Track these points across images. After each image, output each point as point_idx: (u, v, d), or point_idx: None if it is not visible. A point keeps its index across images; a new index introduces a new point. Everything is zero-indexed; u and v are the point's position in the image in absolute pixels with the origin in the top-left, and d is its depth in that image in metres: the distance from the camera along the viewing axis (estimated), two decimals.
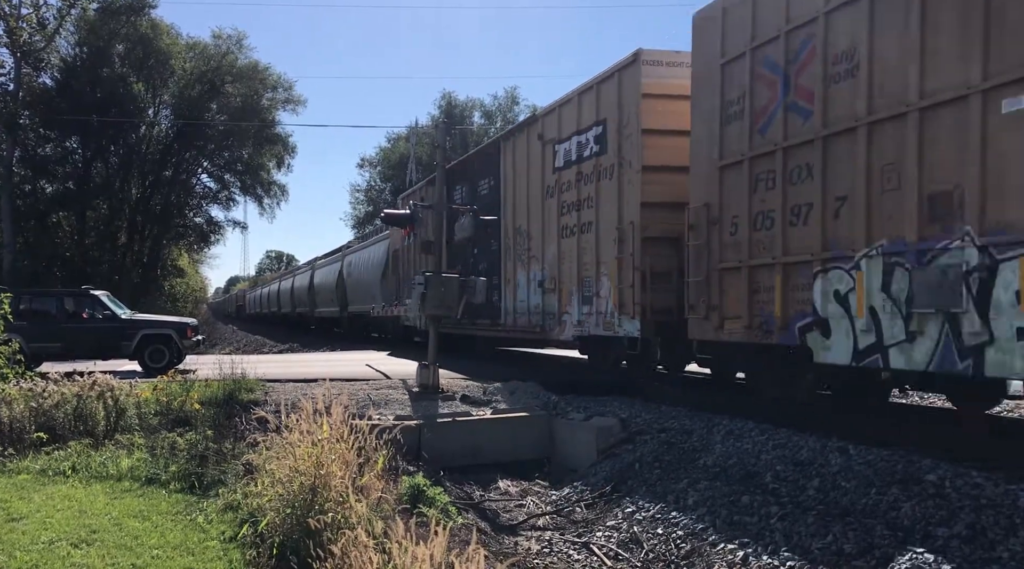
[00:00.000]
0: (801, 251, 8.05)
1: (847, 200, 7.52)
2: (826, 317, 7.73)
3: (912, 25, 6.79)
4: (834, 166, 7.68)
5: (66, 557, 5.35)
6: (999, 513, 5.12)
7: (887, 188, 7.06)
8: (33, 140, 35.08)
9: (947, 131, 6.53)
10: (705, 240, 9.49)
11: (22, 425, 8.63)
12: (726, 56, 9.09)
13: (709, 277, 9.44)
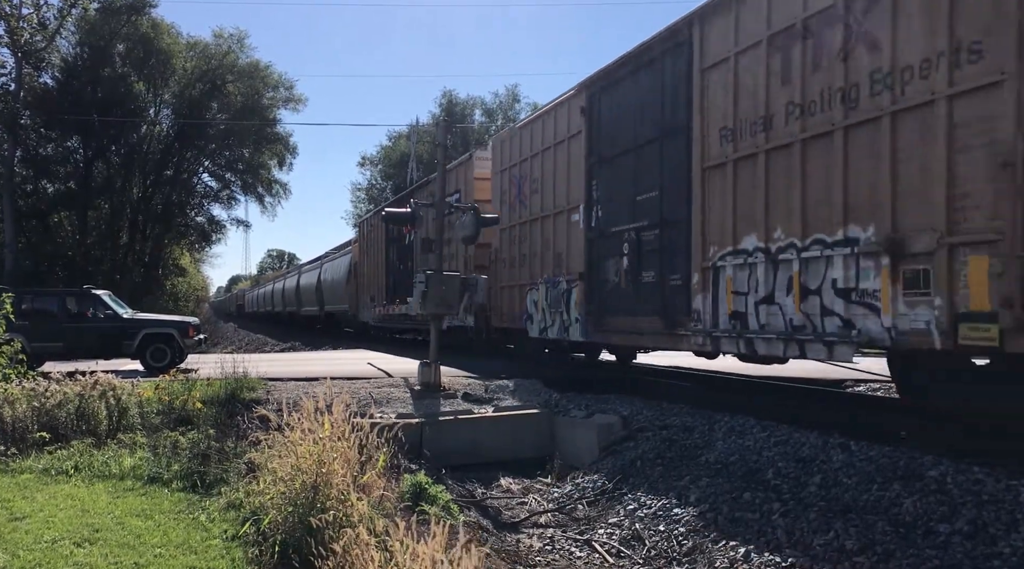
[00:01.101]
0: (524, 278, 14.87)
1: (535, 254, 14.35)
2: (531, 313, 14.34)
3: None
4: (531, 237, 14.49)
5: (69, 556, 5.36)
6: (1000, 509, 5.13)
7: (544, 250, 13.94)
8: (34, 140, 35.11)
9: (559, 228, 13.34)
10: (495, 269, 16.42)
11: (25, 425, 8.64)
12: (501, 167, 15.88)
13: (497, 291, 16.20)
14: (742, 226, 8.88)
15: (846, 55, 7.51)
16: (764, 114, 8.53)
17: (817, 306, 7.81)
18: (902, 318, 6.89)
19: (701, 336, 9.52)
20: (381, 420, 8.25)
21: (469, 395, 11.04)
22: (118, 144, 37.13)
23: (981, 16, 6.28)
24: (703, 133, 9.55)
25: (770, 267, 8.42)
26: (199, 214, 43.82)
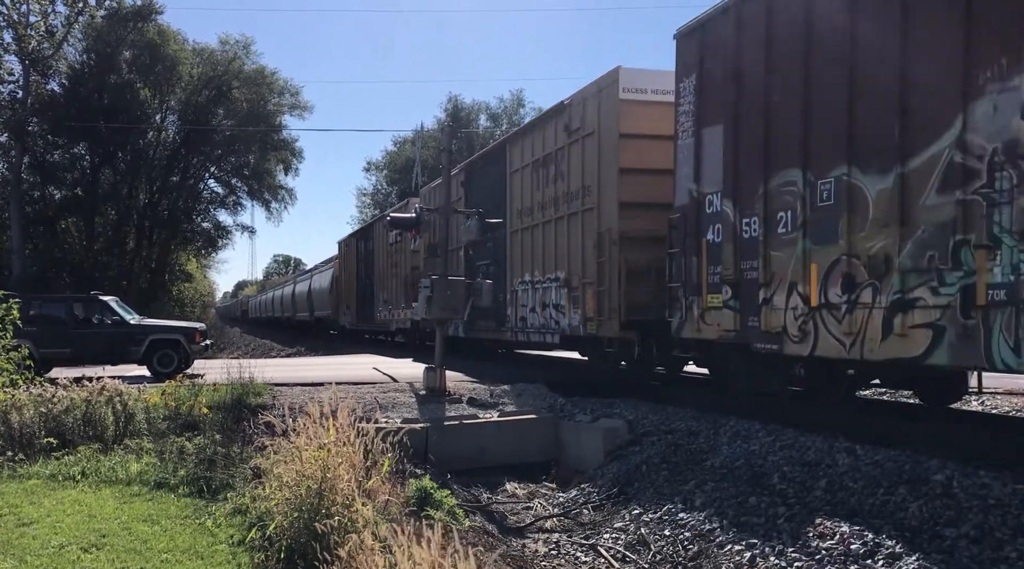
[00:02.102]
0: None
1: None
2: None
3: None
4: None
5: (76, 561, 5.39)
6: (1007, 513, 5.11)
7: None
8: (41, 146, 35.28)
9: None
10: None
11: (32, 430, 8.68)
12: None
13: None
14: (524, 267, 15.23)
15: (556, 179, 13.61)
16: (531, 205, 14.77)
17: (549, 313, 13.99)
18: (572, 319, 13.03)
19: (510, 331, 15.95)
20: (386, 425, 8.26)
21: (474, 400, 11.05)
22: (124, 150, 37.28)
23: (591, 176, 12.39)
24: (510, 210, 15.66)
25: (533, 291, 14.73)
26: (205, 220, 44.03)
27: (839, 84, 7.55)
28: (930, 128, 6.63)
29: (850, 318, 7.37)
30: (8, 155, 32.95)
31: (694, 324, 9.75)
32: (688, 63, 10.01)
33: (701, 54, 9.76)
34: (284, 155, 42.80)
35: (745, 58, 8.89)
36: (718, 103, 9.38)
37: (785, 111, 8.27)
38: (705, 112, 9.65)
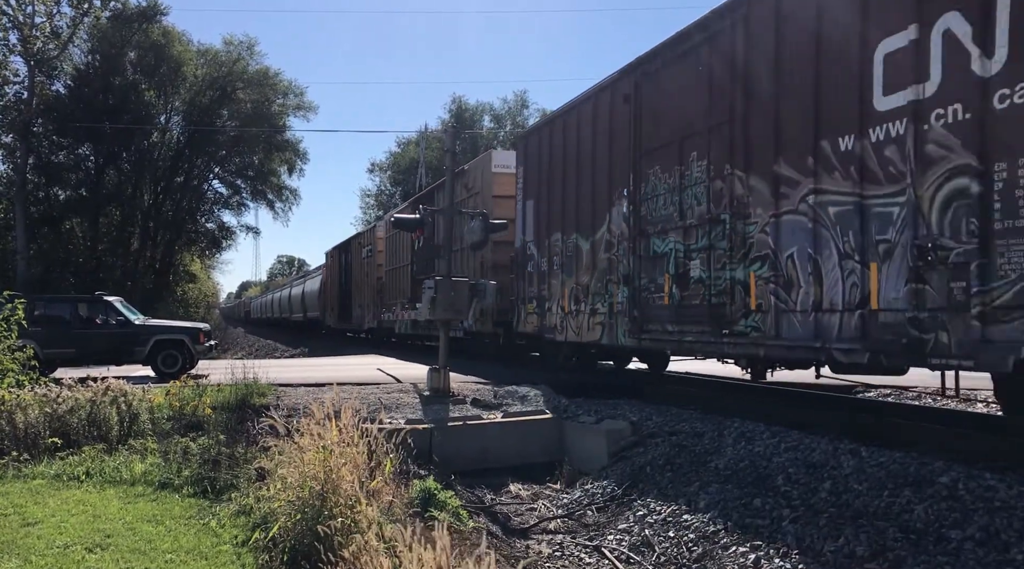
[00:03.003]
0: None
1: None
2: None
3: None
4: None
5: (80, 561, 5.39)
6: (1013, 515, 5.09)
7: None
8: (46, 147, 35.36)
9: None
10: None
11: (37, 430, 8.70)
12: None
13: None
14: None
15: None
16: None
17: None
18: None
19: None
20: (390, 426, 8.26)
21: (478, 401, 11.04)
22: (129, 151, 37.37)
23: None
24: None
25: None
26: (209, 220, 44.15)
27: (574, 188, 13.16)
28: (601, 217, 12.20)
29: (577, 319, 12.97)
30: (13, 156, 33.01)
31: (522, 323, 15.50)
32: (520, 157, 15.82)
33: (525, 153, 15.47)
34: (288, 156, 42.89)
35: (542, 162, 14.50)
36: (532, 186, 15.01)
37: (554, 199, 13.91)
38: (527, 190, 15.27)
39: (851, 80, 7.41)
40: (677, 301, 10.04)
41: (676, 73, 10.30)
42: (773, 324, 8.37)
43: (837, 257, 7.58)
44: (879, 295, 7.07)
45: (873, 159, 7.18)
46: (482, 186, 17.53)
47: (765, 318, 8.50)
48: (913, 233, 6.73)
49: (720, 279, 9.22)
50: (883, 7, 7.10)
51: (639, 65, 11.19)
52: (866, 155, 7.25)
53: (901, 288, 6.84)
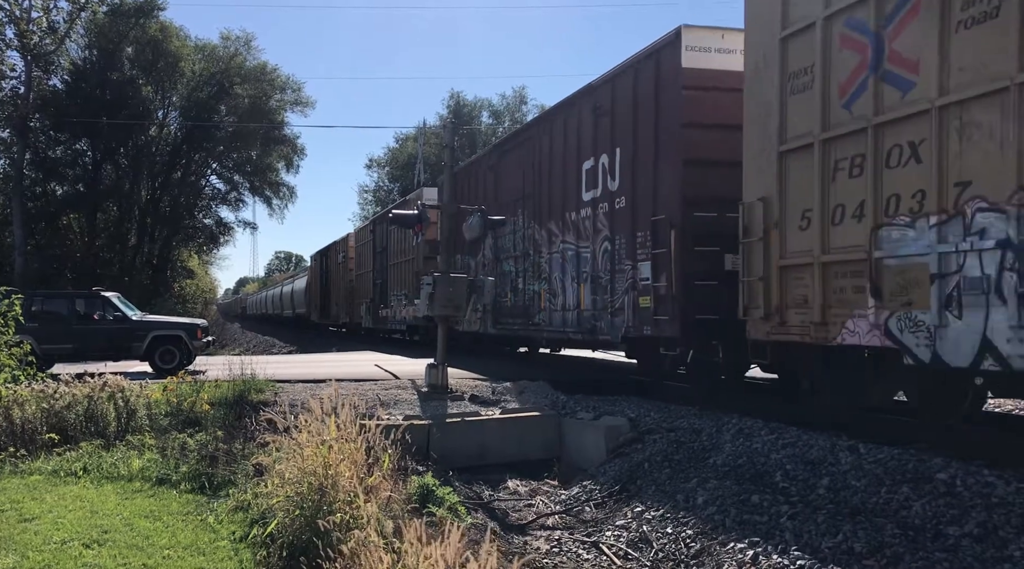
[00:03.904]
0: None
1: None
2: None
3: None
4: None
5: (78, 557, 5.39)
6: (1011, 512, 5.10)
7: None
8: (43, 142, 35.31)
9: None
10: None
11: (34, 426, 8.69)
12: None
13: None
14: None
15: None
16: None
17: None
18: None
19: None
20: (388, 422, 8.26)
21: (476, 397, 11.04)
22: (126, 146, 37.30)
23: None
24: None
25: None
26: (207, 216, 44.07)
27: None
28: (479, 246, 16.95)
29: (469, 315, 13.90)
30: (10, 151, 32.95)
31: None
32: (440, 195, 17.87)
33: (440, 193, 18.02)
34: (286, 151, 42.84)
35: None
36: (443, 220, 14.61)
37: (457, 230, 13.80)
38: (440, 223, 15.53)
39: (573, 180, 12.87)
40: (512, 303, 15.45)
41: (515, 156, 15.63)
42: (549, 318, 13.90)
43: (570, 280, 13.03)
44: (584, 302, 12.43)
45: (581, 226, 12.63)
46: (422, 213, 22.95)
47: (546, 314, 13.97)
48: (592, 268, 12.15)
49: (529, 290, 14.78)
50: (583, 145, 12.61)
51: (499, 146, 16.96)
52: (579, 223, 12.71)
53: (590, 298, 12.26)
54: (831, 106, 7.54)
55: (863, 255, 7.09)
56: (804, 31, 7.88)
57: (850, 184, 7.30)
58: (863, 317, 7.10)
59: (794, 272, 8.01)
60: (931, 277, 6.44)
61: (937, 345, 6.37)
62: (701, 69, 9.79)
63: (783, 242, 8.16)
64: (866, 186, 7.10)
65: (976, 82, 6.14)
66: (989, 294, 5.99)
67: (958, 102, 6.27)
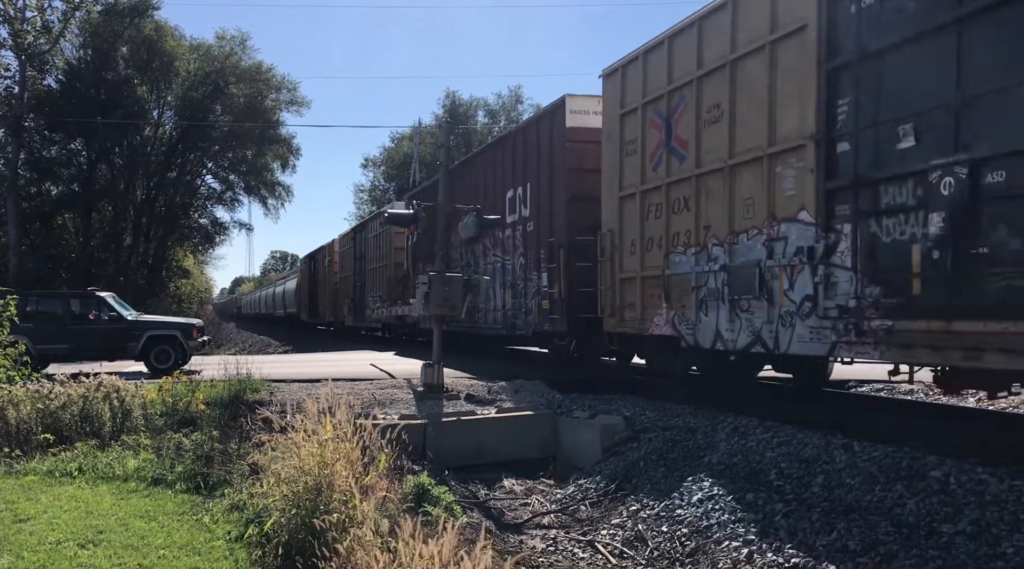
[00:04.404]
0: None
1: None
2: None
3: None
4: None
5: (73, 557, 5.38)
6: (1004, 509, 5.12)
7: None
8: (38, 142, 35.18)
9: None
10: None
11: (29, 426, 8.67)
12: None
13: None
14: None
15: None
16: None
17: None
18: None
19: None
20: (384, 421, 8.27)
21: (472, 396, 11.05)
22: (121, 146, 37.18)
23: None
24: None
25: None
26: (202, 216, 43.95)
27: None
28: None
29: None
30: (4, 151, 32.85)
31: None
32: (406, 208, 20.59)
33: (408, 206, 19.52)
34: (281, 151, 42.73)
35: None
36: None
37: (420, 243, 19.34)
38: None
39: (501, 205, 15.27)
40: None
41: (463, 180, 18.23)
42: (485, 318, 16.71)
43: (499, 287, 15.87)
44: (508, 304, 15.17)
45: (506, 243, 15.50)
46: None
47: (483, 315, 16.71)
48: (512, 277, 14.98)
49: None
50: (507, 177, 15.47)
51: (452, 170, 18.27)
52: (505, 241, 15.59)
53: (511, 301, 15.24)
54: (646, 168, 10.64)
55: (660, 273, 10.30)
56: (632, 112, 10.95)
57: (655, 223, 10.48)
58: (660, 315, 10.33)
59: (628, 283, 11.14)
60: (692, 288, 9.64)
61: (696, 333, 9.59)
62: (580, 127, 12.96)
63: (621, 262, 11.27)
64: (663, 225, 10.29)
65: (712, 162, 9.33)
66: (718, 300, 9.14)
67: (705, 173, 9.46)
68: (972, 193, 6.17)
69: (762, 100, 8.44)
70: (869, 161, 7.14)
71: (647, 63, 10.64)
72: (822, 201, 7.61)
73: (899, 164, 6.81)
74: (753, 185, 8.61)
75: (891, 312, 6.85)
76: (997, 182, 6.04)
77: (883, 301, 6.95)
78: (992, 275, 6.02)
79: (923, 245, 6.56)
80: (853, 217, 7.26)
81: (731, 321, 8.88)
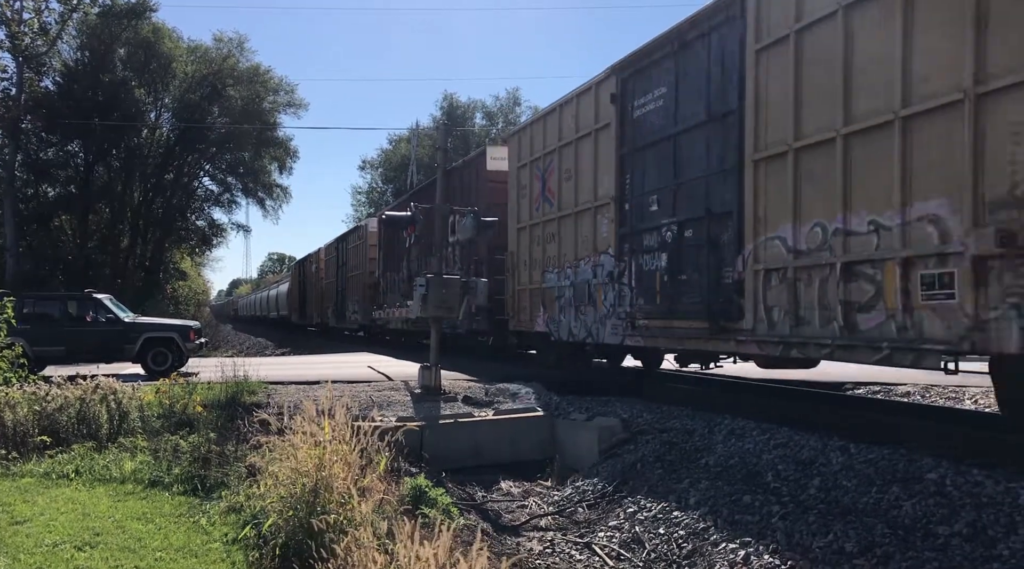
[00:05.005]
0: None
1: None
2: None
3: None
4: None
5: (70, 560, 5.38)
6: (999, 511, 5.13)
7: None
8: (35, 144, 35.14)
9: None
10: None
11: (26, 428, 8.66)
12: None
13: None
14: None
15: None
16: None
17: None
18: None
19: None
20: (382, 423, 8.26)
21: (469, 398, 11.04)
22: (119, 148, 37.15)
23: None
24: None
25: None
26: (200, 218, 43.93)
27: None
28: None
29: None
30: (1, 153, 32.79)
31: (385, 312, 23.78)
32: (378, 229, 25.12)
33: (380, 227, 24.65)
34: (279, 153, 42.73)
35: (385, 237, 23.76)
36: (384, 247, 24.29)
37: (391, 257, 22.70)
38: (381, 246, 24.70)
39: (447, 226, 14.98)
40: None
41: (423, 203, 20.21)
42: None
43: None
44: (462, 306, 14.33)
45: (451, 258, 16.32)
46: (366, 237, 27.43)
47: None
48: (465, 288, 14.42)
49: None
50: (452, 201, 14.74)
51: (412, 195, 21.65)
52: (449, 256, 15.74)
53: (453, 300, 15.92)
54: (532, 208, 14.13)
55: (539, 286, 13.83)
56: (524, 166, 14.46)
57: (537, 249, 13.95)
58: (539, 317, 13.76)
59: (522, 293, 14.58)
60: (555, 298, 13.16)
61: (559, 330, 13.09)
62: (496, 170, 16.56)
63: (519, 276, 14.71)
64: (541, 251, 13.81)
65: (567, 208, 12.81)
66: (569, 306, 12.68)
67: (563, 216, 12.95)
68: (678, 242, 9.82)
69: (591, 169, 11.96)
70: (638, 217, 10.80)
71: (532, 132, 14.25)
72: (618, 242, 11.22)
73: (650, 221, 10.48)
74: (587, 228, 12.15)
75: (647, 315, 10.51)
76: (689, 236, 9.65)
77: (644, 308, 10.61)
78: (686, 293, 9.64)
79: (661, 273, 10.19)
80: (631, 253, 10.91)
81: (576, 321, 12.51)
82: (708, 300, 9.11)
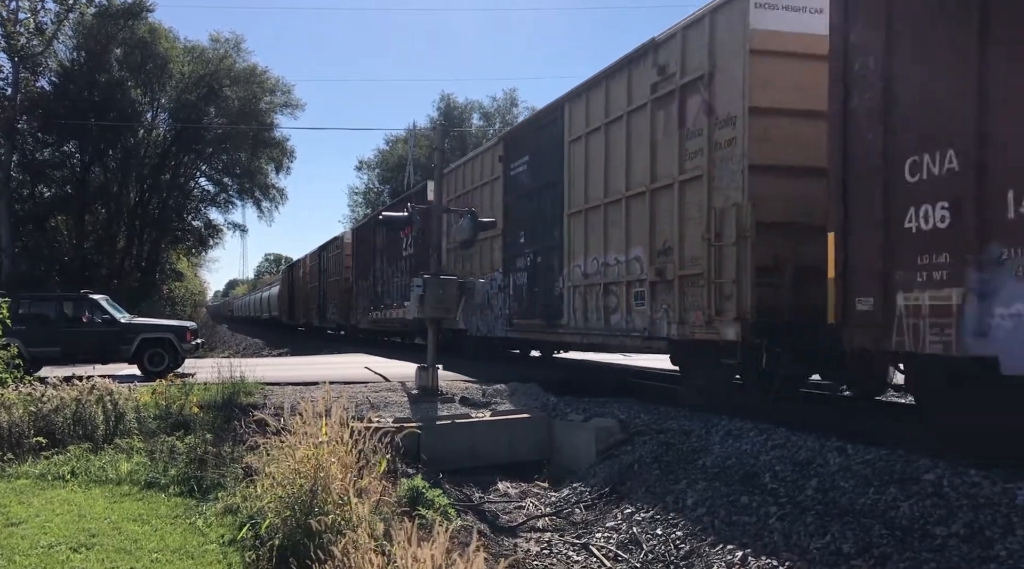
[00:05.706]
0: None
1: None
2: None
3: None
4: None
5: (65, 561, 5.36)
6: (997, 512, 5.13)
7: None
8: (31, 144, 35.04)
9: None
10: None
11: (21, 430, 8.63)
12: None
13: None
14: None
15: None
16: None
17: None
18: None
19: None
20: (379, 424, 8.24)
21: (467, 399, 11.03)
22: (115, 148, 37.04)
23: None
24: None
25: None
26: (196, 218, 43.73)
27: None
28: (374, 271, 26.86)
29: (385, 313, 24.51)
30: None
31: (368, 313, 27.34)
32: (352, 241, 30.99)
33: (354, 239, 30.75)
34: (276, 154, 42.62)
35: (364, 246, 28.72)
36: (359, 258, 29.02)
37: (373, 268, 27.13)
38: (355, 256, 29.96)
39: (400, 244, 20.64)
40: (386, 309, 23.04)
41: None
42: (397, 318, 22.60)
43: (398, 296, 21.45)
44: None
45: (404, 267, 20.90)
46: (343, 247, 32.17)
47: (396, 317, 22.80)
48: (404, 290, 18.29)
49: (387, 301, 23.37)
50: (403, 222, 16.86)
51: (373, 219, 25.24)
52: (404, 266, 20.67)
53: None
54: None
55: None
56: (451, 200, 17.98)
57: (457, 266, 17.56)
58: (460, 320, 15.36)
59: None
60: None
61: (472, 328, 17.19)
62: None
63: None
64: (462, 267, 17.30)
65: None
66: (477, 311, 16.72)
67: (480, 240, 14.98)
68: (534, 265, 14.12)
69: (490, 208, 15.76)
70: (515, 246, 15.13)
71: (455, 175, 18.40)
72: (504, 263, 15.62)
73: (520, 249, 14.86)
74: (487, 252, 16.45)
75: (519, 316, 14.85)
76: (540, 261, 13.97)
77: (517, 311, 14.91)
78: (537, 301, 13.97)
79: (525, 286, 14.53)
80: (510, 271, 15.22)
81: (482, 320, 16.79)
82: (546, 305, 13.51)
